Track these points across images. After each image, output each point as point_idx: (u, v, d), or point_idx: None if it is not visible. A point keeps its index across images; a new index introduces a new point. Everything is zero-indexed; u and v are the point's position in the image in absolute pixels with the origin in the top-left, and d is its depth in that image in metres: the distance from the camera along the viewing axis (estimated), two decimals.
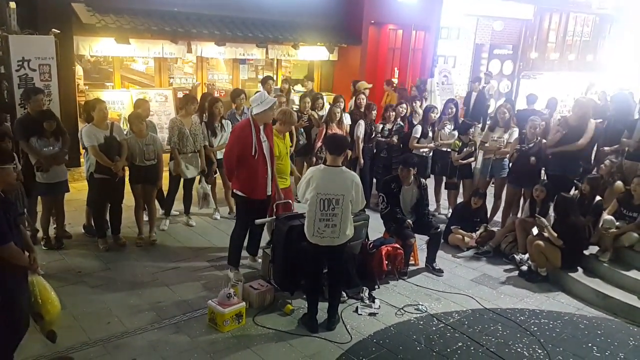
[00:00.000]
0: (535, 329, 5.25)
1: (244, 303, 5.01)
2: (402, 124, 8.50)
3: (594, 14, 18.70)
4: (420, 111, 9.01)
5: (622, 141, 7.30)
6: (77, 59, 9.18)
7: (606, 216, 6.28)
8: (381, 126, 8.30)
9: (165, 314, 5.08)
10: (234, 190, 5.69)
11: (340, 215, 4.71)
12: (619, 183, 6.76)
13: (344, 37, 12.11)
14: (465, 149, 7.82)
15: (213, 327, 4.87)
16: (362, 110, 8.42)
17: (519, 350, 4.87)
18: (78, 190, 6.75)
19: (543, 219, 6.36)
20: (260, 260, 6.04)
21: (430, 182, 7.61)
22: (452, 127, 8.11)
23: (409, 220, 6.31)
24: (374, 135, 8.25)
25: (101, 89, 10.04)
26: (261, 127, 5.47)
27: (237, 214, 5.96)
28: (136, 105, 7.01)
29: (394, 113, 8.34)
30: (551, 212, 6.65)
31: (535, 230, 6.58)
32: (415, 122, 8.55)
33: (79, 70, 9.45)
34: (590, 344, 5.04)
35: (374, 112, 8.33)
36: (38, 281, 4.10)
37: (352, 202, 4.77)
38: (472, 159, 7.93)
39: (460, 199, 8.08)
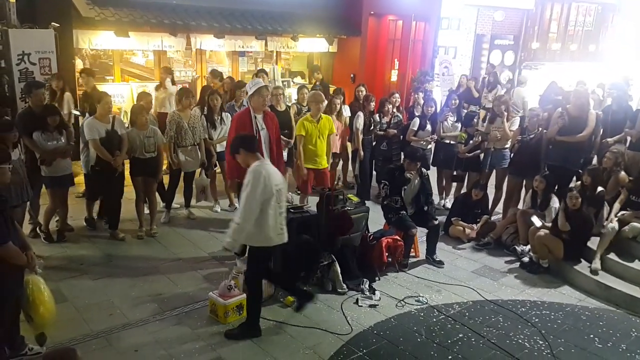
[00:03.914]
0: (537, 320, 5.24)
1: (245, 295, 5.01)
2: (400, 116, 8.45)
3: (596, 3, 18.54)
4: (422, 102, 8.95)
5: (625, 131, 7.27)
6: (76, 53, 9.17)
7: (634, 224, 6.11)
8: (378, 119, 8.27)
9: (167, 306, 5.10)
10: (236, 180, 5.62)
11: (283, 205, 4.67)
12: (623, 174, 6.71)
13: (343, 28, 12.07)
14: (472, 141, 7.77)
15: (214, 318, 4.89)
16: (361, 101, 8.39)
17: (520, 341, 4.87)
18: (81, 184, 6.79)
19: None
20: None
21: (432, 175, 7.53)
22: (455, 119, 8.07)
23: (403, 212, 6.28)
24: (372, 127, 8.22)
25: (101, 82, 10.01)
26: (259, 116, 5.57)
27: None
28: (139, 97, 7.05)
29: (390, 106, 8.29)
30: (552, 204, 6.64)
31: (536, 222, 6.52)
32: (417, 114, 8.50)
33: (78, 63, 9.44)
34: (592, 335, 5.04)
35: (372, 104, 8.29)
36: (34, 281, 4.02)
37: None
38: (479, 150, 7.79)
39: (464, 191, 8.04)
